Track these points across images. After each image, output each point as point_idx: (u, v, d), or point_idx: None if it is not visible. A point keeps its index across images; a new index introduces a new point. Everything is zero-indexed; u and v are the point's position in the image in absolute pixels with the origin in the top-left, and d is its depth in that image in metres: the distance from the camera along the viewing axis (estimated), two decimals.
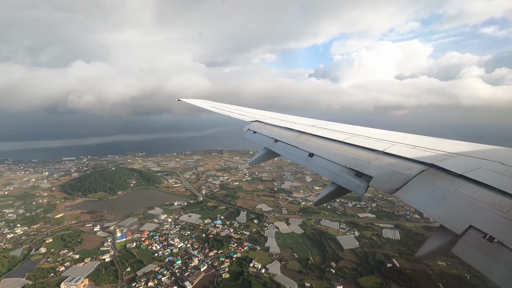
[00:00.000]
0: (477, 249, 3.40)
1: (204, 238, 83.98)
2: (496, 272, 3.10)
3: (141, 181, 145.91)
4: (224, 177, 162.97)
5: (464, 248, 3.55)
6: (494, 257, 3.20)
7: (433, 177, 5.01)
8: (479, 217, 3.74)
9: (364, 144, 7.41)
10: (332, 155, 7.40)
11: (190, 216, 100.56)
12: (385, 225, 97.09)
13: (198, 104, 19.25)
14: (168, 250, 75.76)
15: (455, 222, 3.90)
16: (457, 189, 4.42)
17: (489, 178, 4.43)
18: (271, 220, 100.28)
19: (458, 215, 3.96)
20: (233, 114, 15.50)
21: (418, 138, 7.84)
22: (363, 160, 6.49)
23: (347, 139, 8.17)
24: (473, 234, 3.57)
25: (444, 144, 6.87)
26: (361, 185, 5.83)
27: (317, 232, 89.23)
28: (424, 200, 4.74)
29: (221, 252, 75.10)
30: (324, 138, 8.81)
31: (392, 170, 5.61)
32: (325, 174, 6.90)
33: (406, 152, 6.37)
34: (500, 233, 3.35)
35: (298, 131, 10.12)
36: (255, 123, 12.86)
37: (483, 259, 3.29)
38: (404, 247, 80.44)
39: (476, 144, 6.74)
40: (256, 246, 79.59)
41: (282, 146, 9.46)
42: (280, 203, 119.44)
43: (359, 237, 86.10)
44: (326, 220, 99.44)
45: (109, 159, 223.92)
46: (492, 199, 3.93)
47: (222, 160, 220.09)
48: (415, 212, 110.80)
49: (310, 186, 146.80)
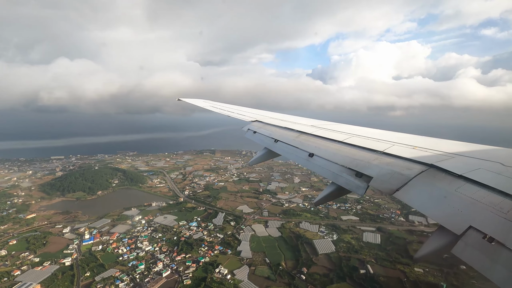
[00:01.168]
0: (477, 249, 3.39)
1: (175, 241, 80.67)
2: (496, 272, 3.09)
3: (124, 181, 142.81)
4: (211, 177, 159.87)
5: (464, 248, 3.53)
6: (494, 258, 3.19)
7: (433, 178, 5.00)
8: (479, 218, 3.74)
9: (364, 145, 7.37)
10: (332, 155, 7.37)
11: (166, 217, 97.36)
12: (367, 228, 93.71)
13: (198, 104, 19.21)
14: (134, 254, 72.56)
15: (455, 223, 3.88)
16: (457, 189, 4.42)
17: (489, 179, 4.42)
18: (250, 222, 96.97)
19: (458, 216, 3.96)
20: (233, 114, 15.38)
21: (418, 138, 7.79)
22: (363, 160, 6.47)
23: (347, 139, 8.11)
24: (473, 235, 3.56)
25: (444, 144, 6.84)
26: (361, 185, 5.78)
27: (295, 236, 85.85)
28: (424, 201, 4.70)
29: (189, 256, 71.84)
30: (324, 138, 8.77)
31: (392, 171, 5.61)
32: (325, 174, 6.86)
33: (406, 152, 6.34)
34: (500, 234, 3.34)
35: (298, 131, 10.08)
36: (255, 123, 12.77)
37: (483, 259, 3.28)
38: (383, 251, 76.97)
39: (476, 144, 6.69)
40: (228, 250, 76.24)
41: (282, 146, 9.40)
42: (262, 205, 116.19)
43: (337, 240, 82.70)
44: (306, 222, 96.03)
45: (98, 158, 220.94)
46: (492, 199, 3.93)
47: (213, 160, 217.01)
48: (400, 215, 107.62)
49: (297, 187, 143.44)
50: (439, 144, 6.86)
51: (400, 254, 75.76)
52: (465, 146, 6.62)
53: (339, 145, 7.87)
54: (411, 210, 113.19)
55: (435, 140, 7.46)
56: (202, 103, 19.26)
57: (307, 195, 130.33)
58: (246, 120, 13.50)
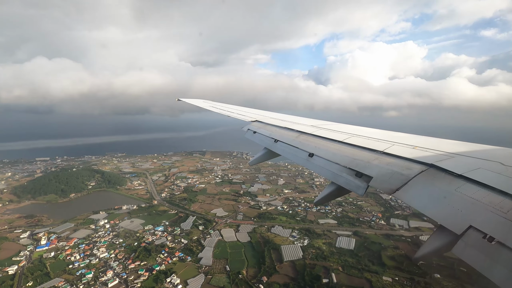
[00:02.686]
0: (477, 249, 3.39)
1: (134, 247, 76.26)
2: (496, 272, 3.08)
3: (101, 183, 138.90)
4: (194, 179, 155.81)
5: (464, 248, 3.54)
6: (494, 257, 3.19)
7: (433, 177, 5.00)
8: (479, 217, 3.73)
9: (364, 144, 7.30)
10: (332, 155, 7.32)
11: (133, 221, 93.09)
12: (343, 233, 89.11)
13: (198, 104, 19.07)
14: (86, 261, 68.24)
15: (455, 222, 3.87)
16: (457, 189, 4.42)
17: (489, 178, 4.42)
18: (221, 226, 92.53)
19: (458, 215, 3.95)
20: (233, 114, 15.23)
21: (418, 138, 7.72)
22: (363, 160, 6.42)
23: (347, 139, 8.06)
24: (473, 234, 3.56)
25: (444, 144, 6.81)
26: (361, 185, 5.74)
27: (264, 241, 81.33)
28: (424, 200, 4.70)
29: (144, 264, 67.43)
30: (324, 138, 8.71)
31: (392, 170, 5.58)
32: (325, 174, 6.80)
33: (406, 152, 6.29)
34: (500, 233, 3.33)
35: (298, 131, 10.02)
36: (255, 123, 12.74)
37: (483, 259, 3.28)
38: (354, 258, 72.33)
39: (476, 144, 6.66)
40: (188, 257, 71.79)
41: (282, 146, 9.32)
42: (239, 208, 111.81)
43: (307, 246, 78.10)
44: (279, 227, 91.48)
45: (84, 159, 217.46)
46: (492, 199, 3.92)
47: (201, 162, 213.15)
48: (381, 218, 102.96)
49: (279, 189, 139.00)
50: (439, 144, 6.81)
51: (371, 261, 71.15)
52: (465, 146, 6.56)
53: (339, 145, 7.87)
54: (393, 213, 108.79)
55: (435, 140, 7.41)
56: (202, 103, 19.16)
57: (288, 197, 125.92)
58: (246, 120, 13.33)
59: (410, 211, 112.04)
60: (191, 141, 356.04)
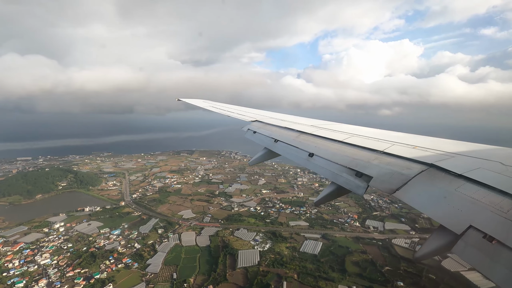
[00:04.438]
0: (477, 249, 3.38)
1: (81, 252, 71.37)
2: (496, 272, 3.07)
3: (73, 183, 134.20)
4: (172, 179, 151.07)
5: (464, 248, 3.53)
6: (494, 257, 3.17)
7: (433, 177, 4.98)
8: (479, 217, 3.70)
9: (364, 144, 7.30)
10: (332, 155, 7.31)
11: (90, 224, 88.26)
12: (312, 236, 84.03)
13: (197, 104, 18.98)
14: (23, 269, 63.48)
15: (455, 222, 3.85)
16: (457, 189, 4.39)
17: (489, 178, 4.40)
18: (183, 229, 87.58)
19: (458, 215, 3.92)
20: (233, 114, 15.16)
21: (418, 138, 7.74)
22: (363, 160, 6.41)
23: (347, 139, 8.05)
24: (473, 234, 3.54)
25: (444, 144, 6.79)
26: (361, 185, 5.72)
27: (223, 245, 76.32)
28: (424, 200, 4.69)
29: (84, 272, 62.54)
30: (324, 138, 8.68)
31: (392, 170, 5.57)
32: (325, 174, 6.80)
33: (406, 152, 6.28)
34: (500, 233, 3.32)
35: (298, 131, 9.99)
36: (255, 123, 12.67)
37: (483, 259, 3.27)
38: (315, 264, 67.21)
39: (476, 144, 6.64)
40: (135, 263, 66.89)
41: (282, 146, 9.30)
42: (210, 209, 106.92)
43: (267, 251, 72.99)
44: (244, 229, 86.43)
45: (67, 159, 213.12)
46: (492, 199, 3.90)
47: (186, 161, 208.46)
48: (357, 219, 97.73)
49: (258, 189, 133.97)
50: (439, 143, 6.77)
51: (332, 267, 66.04)
52: (465, 145, 6.52)
53: (339, 145, 7.83)
54: (371, 214, 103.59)
55: (435, 139, 7.36)
56: (201, 103, 19.08)
57: (264, 198, 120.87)
58: (246, 120, 13.28)
59: (389, 212, 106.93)
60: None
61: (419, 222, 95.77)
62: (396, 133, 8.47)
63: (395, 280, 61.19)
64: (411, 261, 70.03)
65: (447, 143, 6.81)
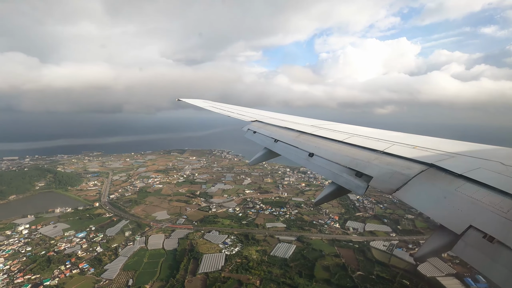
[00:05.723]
0: (477, 249, 3.36)
1: (38, 256, 67.80)
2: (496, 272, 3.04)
3: (51, 184, 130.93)
4: (155, 179, 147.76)
5: (464, 248, 3.51)
6: (494, 257, 3.15)
7: (433, 177, 4.97)
8: (479, 217, 3.69)
9: (364, 144, 7.26)
10: (332, 155, 7.28)
11: (56, 226, 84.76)
12: (286, 238, 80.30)
13: (197, 104, 19.04)
14: None
15: (455, 222, 3.84)
16: (457, 189, 4.38)
17: (489, 178, 4.38)
18: (154, 231, 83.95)
19: (458, 215, 3.91)
20: (233, 114, 15.09)
21: (418, 138, 7.72)
22: (363, 160, 6.39)
23: (347, 139, 8.01)
24: (473, 234, 3.53)
25: (444, 144, 6.78)
26: (361, 185, 5.70)
27: (190, 249, 72.63)
28: (424, 200, 4.66)
29: (35, 278, 59.02)
30: (324, 138, 8.65)
31: (392, 170, 5.55)
32: (325, 174, 6.78)
33: (406, 152, 6.26)
34: (500, 233, 3.30)
35: (298, 131, 9.96)
36: (255, 123, 12.66)
37: (483, 259, 3.24)
38: (283, 269, 63.45)
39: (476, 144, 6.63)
40: (92, 268, 63.30)
41: (282, 146, 9.30)
42: (186, 210, 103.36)
43: (235, 255, 69.28)
44: (215, 232, 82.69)
45: (54, 159, 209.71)
46: (492, 199, 3.88)
47: (175, 161, 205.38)
48: (338, 221, 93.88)
49: (242, 189, 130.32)
50: (439, 143, 6.76)
51: (300, 272, 62.28)
52: (465, 145, 6.50)
53: (339, 145, 7.80)
54: (354, 215, 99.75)
55: (435, 139, 7.32)
56: (201, 103, 19.07)
57: (246, 198, 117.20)
58: (245, 120, 13.29)
59: (373, 213, 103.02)
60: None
61: (401, 224, 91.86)
62: (396, 133, 8.45)
63: (365, 286, 57.36)
64: (386, 265, 66.26)
65: (447, 143, 6.81)
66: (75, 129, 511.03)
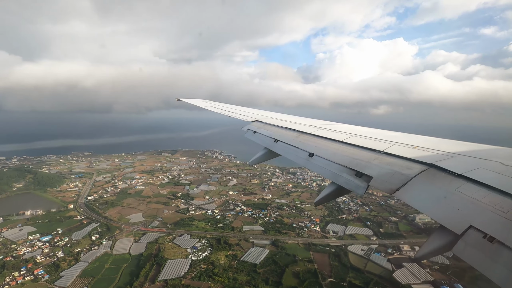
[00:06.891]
0: (477, 249, 3.34)
1: None
2: (496, 272, 3.03)
3: (30, 184, 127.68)
4: (139, 180, 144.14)
5: (464, 248, 3.48)
6: (494, 257, 3.13)
7: (433, 177, 4.94)
8: (479, 217, 3.66)
9: (364, 144, 7.24)
10: (332, 155, 7.25)
11: (22, 229, 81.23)
12: (261, 242, 76.71)
13: (198, 104, 18.97)
14: None
15: (455, 222, 3.81)
16: (457, 189, 4.35)
17: (489, 178, 4.36)
18: (124, 235, 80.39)
19: (458, 215, 3.88)
20: (233, 114, 15.12)
21: (418, 138, 7.67)
22: (363, 160, 6.36)
23: (347, 139, 7.98)
24: (473, 234, 3.50)
25: (444, 144, 6.77)
26: (361, 185, 5.66)
27: (156, 254, 69.05)
28: (424, 200, 4.65)
29: None
30: (324, 138, 8.65)
31: (392, 170, 5.51)
32: (325, 174, 6.75)
33: (406, 152, 6.23)
34: (500, 233, 3.27)
35: (298, 131, 9.94)
36: (255, 123, 12.69)
37: (483, 259, 3.23)
38: (250, 275, 59.83)
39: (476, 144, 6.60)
40: (47, 274, 59.82)
41: (282, 146, 9.30)
42: (163, 212, 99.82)
43: (201, 260, 65.70)
44: (186, 236, 79.11)
45: (42, 159, 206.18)
46: (492, 199, 3.86)
47: (165, 161, 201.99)
48: (319, 223, 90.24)
49: (225, 191, 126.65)
50: (439, 143, 6.74)
51: (267, 279, 58.66)
52: (465, 145, 6.48)
53: (339, 145, 7.79)
54: (336, 218, 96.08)
55: (435, 139, 7.27)
56: (201, 103, 18.98)
57: (228, 200, 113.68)
58: (246, 120, 13.33)
59: (357, 215, 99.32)
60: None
61: (385, 227, 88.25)
62: (396, 133, 8.42)
63: None
64: (361, 271, 62.61)
65: (447, 143, 6.75)
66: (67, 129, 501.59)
